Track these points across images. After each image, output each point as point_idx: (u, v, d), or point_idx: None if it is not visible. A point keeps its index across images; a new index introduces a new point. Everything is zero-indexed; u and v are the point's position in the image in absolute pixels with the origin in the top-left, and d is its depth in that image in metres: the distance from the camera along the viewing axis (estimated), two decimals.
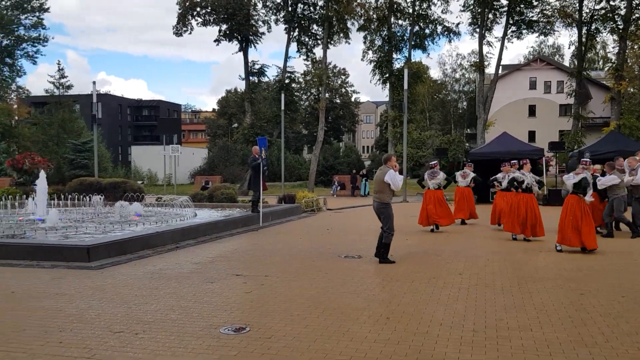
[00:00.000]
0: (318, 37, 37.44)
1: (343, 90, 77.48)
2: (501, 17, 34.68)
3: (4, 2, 43.65)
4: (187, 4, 35.64)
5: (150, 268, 8.90)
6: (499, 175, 14.44)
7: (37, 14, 44.98)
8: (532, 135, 50.25)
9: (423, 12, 34.57)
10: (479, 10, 34.16)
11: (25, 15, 44.58)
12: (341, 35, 36.55)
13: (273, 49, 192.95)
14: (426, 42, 35.84)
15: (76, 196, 17.51)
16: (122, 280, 7.92)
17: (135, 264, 9.28)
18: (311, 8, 36.85)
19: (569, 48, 76.17)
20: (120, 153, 71.18)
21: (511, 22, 34.51)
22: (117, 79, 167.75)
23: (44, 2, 45.09)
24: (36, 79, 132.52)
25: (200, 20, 36.26)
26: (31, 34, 45.30)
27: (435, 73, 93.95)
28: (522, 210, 12.03)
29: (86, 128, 47.41)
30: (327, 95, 44.32)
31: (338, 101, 75.25)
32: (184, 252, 10.63)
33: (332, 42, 36.76)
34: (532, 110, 53.74)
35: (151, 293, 7.12)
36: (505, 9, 34.18)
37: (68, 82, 48.57)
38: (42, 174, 14.44)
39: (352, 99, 79.05)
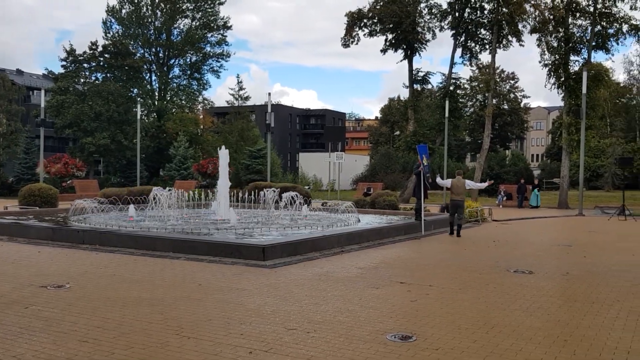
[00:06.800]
0: (485, 41, 36.10)
1: (512, 95, 73.72)
2: None
3: (194, 23, 48.90)
4: (355, 15, 36.53)
5: (318, 270, 9.30)
6: None
7: (221, 31, 49.69)
8: None
9: (607, 10, 31.41)
10: None
11: (211, 34, 49.48)
12: (512, 38, 34.72)
13: (440, 55, 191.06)
14: (609, 43, 32.47)
15: (251, 198, 18.94)
16: (294, 280, 8.39)
17: (304, 265, 9.77)
18: (478, 12, 35.64)
19: None
20: (289, 159, 75.58)
21: None
22: (291, 90, 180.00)
23: (227, 21, 49.62)
24: (222, 91, 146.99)
25: (366, 30, 36.94)
26: (216, 50, 50.17)
27: (619, 75, 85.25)
28: None
29: (260, 136, 51.28)
30: (494, 101, 42.38)
31: (506, 107, 71.70)
32: (349, 257, 10.93)
33: (501, 46, 35.15)
34: None
35: (320, 294, 7.45)
36: None
37: (246, 94, 53.11)
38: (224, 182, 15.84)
39: (522, 105, 74.88)
